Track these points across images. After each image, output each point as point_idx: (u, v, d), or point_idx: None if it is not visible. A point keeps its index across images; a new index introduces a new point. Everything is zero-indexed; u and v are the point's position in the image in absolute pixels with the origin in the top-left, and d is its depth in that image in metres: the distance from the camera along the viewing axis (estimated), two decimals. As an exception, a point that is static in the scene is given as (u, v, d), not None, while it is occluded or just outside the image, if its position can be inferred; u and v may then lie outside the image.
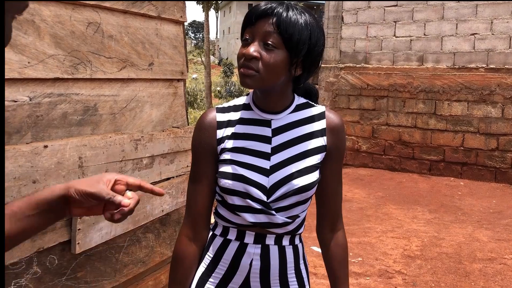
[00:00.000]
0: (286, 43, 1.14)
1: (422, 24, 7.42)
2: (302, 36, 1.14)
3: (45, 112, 1.41)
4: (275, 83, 1.19)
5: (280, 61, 1.15)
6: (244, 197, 1.22)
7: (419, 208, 5.81)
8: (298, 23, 1.14)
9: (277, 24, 1.13)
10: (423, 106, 7.51)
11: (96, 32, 1.56)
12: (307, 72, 1.23)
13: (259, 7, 1.16)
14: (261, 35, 1.14)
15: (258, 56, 1.14)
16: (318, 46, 1.19)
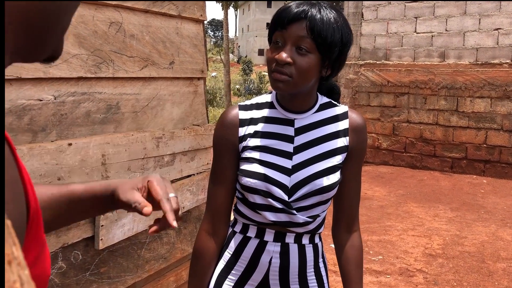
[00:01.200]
0: (319, 47, 1.13)
1: (444, 20, 7.31)
2: (335, 38, 1.14)
3: (69, 110, 1.44)
4: (306, 86, 1.19)
5: (313, 65, 1.15)
6: (265, 196, 1.22)
7: (440, 206, 5.74)
8: (331, 26, 1.13)
9: (311, 28, 1.11)
10: (445, 103, 7.40)
11: (118, 32, 1.59)
12: (336, 71, 1.24)
13: (291, 10, 1.14)
14: (293, 40, 1.13)
15: (292, 61, 1.13)
16: (348, 46, 1.19)
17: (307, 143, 1.24)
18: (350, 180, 1.30)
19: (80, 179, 1.45)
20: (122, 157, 1.61)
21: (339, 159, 1.25)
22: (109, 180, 0.85)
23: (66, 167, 1.41)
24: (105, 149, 1.54)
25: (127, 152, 1.63)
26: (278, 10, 1.19)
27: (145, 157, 1.72)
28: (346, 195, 1.32)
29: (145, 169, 1.73)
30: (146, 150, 1.72)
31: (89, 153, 1.48)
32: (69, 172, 1.42)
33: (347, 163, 1.27)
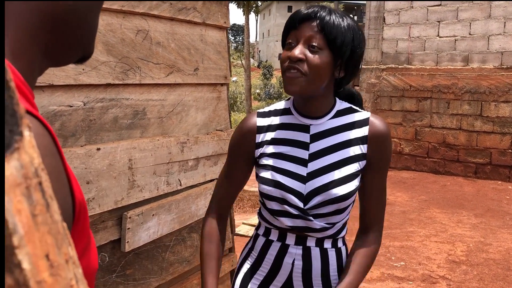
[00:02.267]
0: (331, 44, 1.14)
1: (468, 24, 7.22)
2: (346, 38, 1.15)
3: (98, 116, 1.49)
4: (320, 86, 1.18)
5: (326, 63, 1.15)
6: (281, 203, 1.24)
7: (464, 212, 5.65)
8: (341, 26, 1.15)
9: (321, 26, 1.14)
10: (469, 108, 7.30)
11: (144, 39, 1.63)
12: (349, 74, 1.23)
13: (302, 11, 1.18)
14: (305, 38, 1.15)
15: (304, 57, 1.14)
16: (360, 48, 1.20)
17: (322, 150, 1.24)
18: (372, 190, 1.28)
19: (108, 183, 1.49)
20: (148, 161, 1.65)
21: (356, 167, 1.23)
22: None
23: (95, 171, 1.45)
24: (132, 154, 1.58)
25: (153, 156, 1.67)
26: (291, 15, 1.22)
27: (170, 162, 1.76)
28: (368, 205, 1.30)
29: (170, 173, 1.77)
30: (171, 155, 1.75)
31: (116, 157, 1.52)
32: (97, 176, 1.46)
33: (367, 171, 1.25)
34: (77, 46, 0.61)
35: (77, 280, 0.30)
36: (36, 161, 0.26)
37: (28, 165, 0.25)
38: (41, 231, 0.25)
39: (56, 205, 0.28)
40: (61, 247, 0.28)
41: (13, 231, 0.22)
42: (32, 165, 0.26)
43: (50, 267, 0.26)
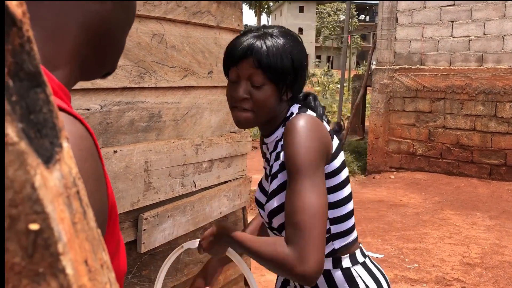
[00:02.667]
0: (271, 78, 1.14)
1: (482, 24, 7.15)
2: (285, 66, 1.14)
3: (114, 119, 1.51)
4: (268, 115, 1.19)
5: (270, 95, 1.15)
6: (262, 217, 1.30)
7: (478, 214, 5.60)
8: (279, 55, 1.13)
9: (259, 63, 1.13)
10: (483, 108, 7.23)
11: (160, 43, 1.65)
12: (296, 89, 1.22)
13: (238, 47, 1.15)
14: (246, 76, 1.15)
15: (248, 96, 1.15)
16: (302, 67, 1.19)
17: (270, 166, 1.24)
18: (287, 195, 1.09)
19: (124, 185, 1.51)
20: (163, 163, 1.67)
21: (282, 178, 1.16)
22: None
23: (112, 173, 1.47)
24: (147, 156, 1.60)
25: (168, 159, 1.69)
26: (228, 46, 1.21)
27: (185, 164, 1.78)
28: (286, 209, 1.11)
29: (185, 175, 1.79)
30: (186, 157, 1.77)
31: (133, 160, 1.54)
32: (114, 178, 1.48)
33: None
34: (109, 62, 0.64)
35: (111, 284, 0.31)
36: (74, 170, 0.28)
37: (68, 175, 0.27)
38: (80, 238, 0.26)
39: (91, 213, 0.30)
40: (96, 253, 0.29)
41: (58, 238, 0.23)
42: (71, 175, 0.27)
43: (88, 272, 0.27)
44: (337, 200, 1.20)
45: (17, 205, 0.22)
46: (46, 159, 0.25)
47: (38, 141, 0.24)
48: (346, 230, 1.23)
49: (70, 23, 0.55)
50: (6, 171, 0.22)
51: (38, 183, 0.23)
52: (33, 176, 0.23)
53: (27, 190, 0.22)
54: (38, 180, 0.23)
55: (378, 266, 1.33)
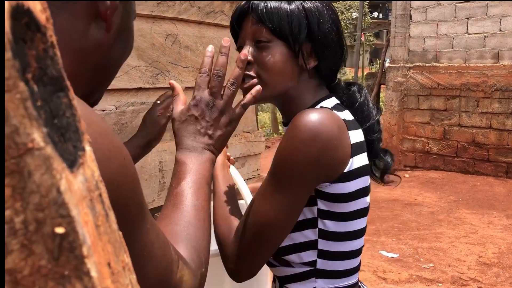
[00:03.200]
0: (276, 32, 0.94)
1: (498, 20, 7.05)
2: (293, 17, 0.94)
3: (129, 119, 1.52)
4: (284, 85, 0.98)
5: (279, 55, 0.95)
6: None
7: (495, 213, 5.53)
8: (283, 8, 0.95)
9: (258, 17, 0.95)
10: (499, 106, 7.13)
11: (173, 43, 1.66)
12: (324, 59, 0.99)
13: (237, 9, 1.02)
14: (249, 36, 0.98)
15: (252, 59, 0.96)
16: (323, 23, 0.96)
17: None
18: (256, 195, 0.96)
19: (139, 185, 1.52)
20: (178, 163, 1.68)
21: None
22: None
23: (127, 173, 1.49)
24: (162, 156, 1.61)
25: (183, 159, 1.70)
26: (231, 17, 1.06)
27: (199, 164, 1.78)
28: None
29: (199, 175, 1.80)
30: (200, 157, 1.78)
31: (148, 160, 1.55)
32: (129, 178, 1.49)
33: None
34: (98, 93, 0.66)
35: (132, 286, 0.31)
36: (96, 173, 0.28)
37: (91, 178, 0.27)
38: (103, 241, 0.27)
39: (113, 215, 0.30)
40: (118, 255, 0.29)
41: (82, 241, 0.24)
42: (93, 178, 0.27)
43: (111, 275, 0.27)
44: (338, 231, 0.96)
45: (43, 209, 0.22)
46: (70, 163, 0.25)
47: (62, 145, 0.25)
48: (342, 271, 0.99)
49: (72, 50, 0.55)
50: (33, 175, 0.22)
51: (64, 187, 0.23)
52: (59, 180, 0.23)
53: (53, 194, 0.23)
54: (63, 184, 0.23)
55: None
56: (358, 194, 0.95)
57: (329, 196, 0.92)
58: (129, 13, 0.64)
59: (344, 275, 0.99)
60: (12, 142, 0.22)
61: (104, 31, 0.59)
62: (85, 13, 0.56)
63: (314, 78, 1.01)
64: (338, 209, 0.94)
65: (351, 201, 0.94)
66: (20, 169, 0.22)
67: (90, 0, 0.56)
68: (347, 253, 0.98)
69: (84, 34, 0.57)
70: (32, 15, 0.24)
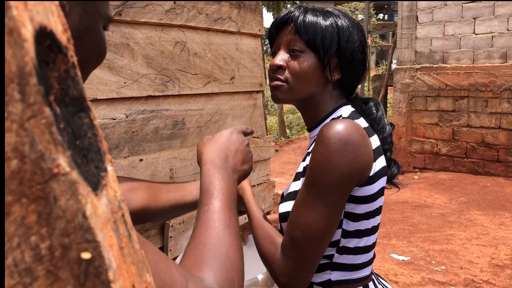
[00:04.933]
0: (310, 44, 1.05)
1: (505, 19, 7.01)
2: (327, 33, 1.04)
3: (140, 127, 1.52)
4: (309, 92, 1.07)
5: (309, 65, 1.05)
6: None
7: (506, 214, 5.48)
8: (319, 23, 1.05)
9: (296, 28, 1.06)
10: (508, 106, 7.08)
11: (182, 51, 1.66)
12: (347, 74, 1.09)
13: (278, 18, 1.12)
14: (284, 44, 1.09)
15: (284, 64, 1.07)
16: (352, 44, 1.06)
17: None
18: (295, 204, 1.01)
19: (150, 192, 1.52)
20: (188, 170, 1.67)
21: (300, 184, 1.06)
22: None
23: (138, 181, 1.49)
24: (172, 164, 1.61)
25: (193, 165, 1.69)
26: (270, 24, 1.16)
27: (209, 170, 1.78)
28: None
29: (209, 181, 1.79)
30: (210, 164, 1.78)
31: (158, 167, 1.55)
32: (140, 186, 1.49)
33: None
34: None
35: (155, 305, 0.31)
36: (118, 193, 0.28)
37: (113, 199, 0.27)
38: (127, 263, 0.26)
39: (135, 235, 0.30)
40: (142, 275, 0.29)
41: (108, 266, 0.23)
42: (116, 199, 0.27)
43: (136, 297, 0.27)
44: (358, 229, 1.03)
45: (69, 234, 0.22)
46: (94, 186, 0.25)
47: (85, 167, 0.25)
48: (354, 264, 1.05)
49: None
50: (59, 200, 0.22)
51: (89, 212, 0.23)
52: (84, 205, 0.23)
53: (79, 219, 0.22)
54: (89, 209, 0.23)
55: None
56: (379, 194, 1.04)
57: (356, 199, 1.00)
58: (91, 15, 0.60)
59: (359, 268, 1.06)
60: (37, 168, 0.21)
61: None
62: None
63: (336, 89, 1.11)
64: (362, 210, 1.02)
65: (374, 201, 1.03)
66: (46, 195, 0.21)
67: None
68: (363, 248, 1.05)
69: None
70: (54, 37, 0.23)
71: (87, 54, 0.62)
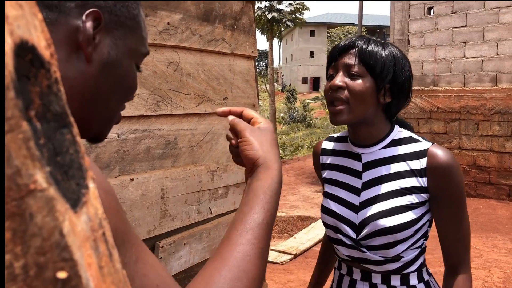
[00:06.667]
0: (370, 70, 1.16)
1: (495, 44, 7.13)
2: (386, 62, 1.17)
3: (131, 147, 1.52)
4: (364, 112, 1.18)
5: (366, 88, 1.15)
6: (335, 232, 1.25)
7: (499, 236, 5.47)
8: (379, 52, 1.18)
9: (359, 54, 1.17)
10: (499, 129, 7.14)
11: (175, 71, 1.67)
12: (396, 99, 1.21)
13: (341, 44, 1.22)
14: (344, 67, 1.18)
15: (344, 85, 1.16)
16: (404, 72, 1.20)
17: (375, 180, 1.21)
18: (445, 225, 1.20)
19: (140, 213, 1.51)
20: (179, 190, 1.66)
21: (410, 200, 1.17)
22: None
23: (128, 201, 1.47)
24: (164, 183, 1.59)
25: (184, 185, 1.68)
26: (332, 48, 1.26)
27: (200, 190, 1.77)
28: (445, 240, 1.23)
29: (201, 201, 1.78)
30: (201, 183, 1.77)
31: (149, 187, 1.54)
32: (130, 206, 1.48)
33: (435, 206, 1.19)
34: (94, 126, 0.65)
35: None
36: (100, 211, 0.27)
37: (94, 217, 0.26)
38: (107, 282, 0.26)
39: (117, 254, 0.29)
40: (122, 296, 0.28)
41: (86, 286, 0.22)
42: (97, 217, 0.26)
43: (115, 318, 0.26)
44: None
45: (45, 253, 0.21)
46: (74, 203, 0.24)
47: (65, 184, 0.24)
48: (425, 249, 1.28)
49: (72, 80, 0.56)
50: (35, 217, 0.21)
51: (67, 229, 0.22)
52: (62, 222, 0.22)
53: (56, 237, 0.22)
54: (66, 226, 0.22)
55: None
56: None
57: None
58: (120, 48, 0.62)
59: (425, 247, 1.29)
60: (13, 184, 0.21)
61: (85, 62, 0.58)
62: (65, 42, 0.57)
63: (384, 112, 1.23)
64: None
65: None
66: (22, 212, 0.21)
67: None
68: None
69: (65, 62, 0.57)
70: (36, 51, 0.23)
71: (113, 85, 0.63)
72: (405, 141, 1.23)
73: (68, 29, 0.57)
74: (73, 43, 0.57)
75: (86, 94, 0.60)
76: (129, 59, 0.64)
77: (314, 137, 19.77)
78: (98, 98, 0.62)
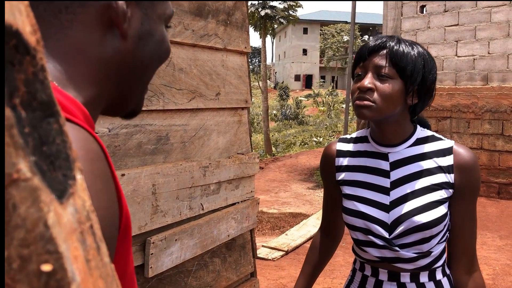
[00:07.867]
0: (400, 72, 1.15)
1: (486, 43, 7.17)
2: (416, 64, 1.15)
3: (122, 142, 1.50)
4: (392, 113, 1.18)
5: (396, 91, 1.15)
6: (366, 233, 1.24)
7: (488, 234, 5.52)
8: (410, 54, 1.16)
9: (390, 55, 1.15)
10: (489, 127, 7.20)
11: (168, 66, 1.65)
12: (422, 101, 1.22)
13: (371, 43, 1.20)
14: (374, 68, 1.16)
15: (373, 87, 1.15)
16: (432, 74, 1.20)
17: (404, 178, 1.22)
18: (464, 220, 1.23)
19: (131, 208, 1.50)
20: (171, 186, 1.65)
21: (440, 195, 1.20)
22: None
23: (119, 197, 1.46)
24: (155, 179, 1.58)
25: (176, 181, 1.67)
26: (360, 47, 1.23)
27: (192, 186, 1.76)
28: (461, 234, 1.25)
29: (192, 197, 1.77)
30: (193, 179, 1.76)
31: (140, 183, 1.53)
32: (121, 201, 1.47)
33: (457, 201, 1.22)
34: (132, 100, 0.64)
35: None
36: (88, 203, 0.26)
37: (81, 209, 0.25)
38: (94, 276, 0.25)
39: (105, 247, 0.28)
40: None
41: (71, 279, 0.22)
42: (84, 209, 0.26)
43: (102, 313, 0.25)
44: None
45: (29, 245, 0.21)
46: (60, 194, 0.23)
47: (51, 174, 0.23)
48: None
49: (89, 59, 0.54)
50: (18, 208, 0.20)
51: (52, 221, 0.21)
52: (47, 213, 0.21)
53: (40, 228, 0.21)
54: (51, 218, 0.21)
55: None
56: None
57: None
58: (151, 17, 0.61)
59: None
60: (-4, 173, 0.20)
61: (120, 39, 0.57)
62: (98, 22, 0.55)
63: (408, 112, 1.24)
64: None
65: None
66: (4, 202, 0.20)
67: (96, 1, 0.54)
68: None
69: (100, 43, 0.55)
70: (21, 37, 0.22)
71: (151, 54, 0.62)
72: (430, 139, 1.25)
73: (99, 7, 0.54)
74: (106, 22, 0.55)
75: (124, 71, 0.59)
76: (160, 24, 0.63)
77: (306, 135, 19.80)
78: (136, 72, 0.61)
